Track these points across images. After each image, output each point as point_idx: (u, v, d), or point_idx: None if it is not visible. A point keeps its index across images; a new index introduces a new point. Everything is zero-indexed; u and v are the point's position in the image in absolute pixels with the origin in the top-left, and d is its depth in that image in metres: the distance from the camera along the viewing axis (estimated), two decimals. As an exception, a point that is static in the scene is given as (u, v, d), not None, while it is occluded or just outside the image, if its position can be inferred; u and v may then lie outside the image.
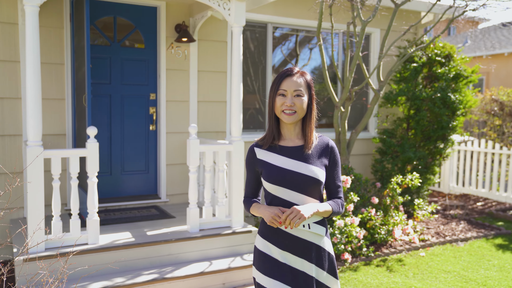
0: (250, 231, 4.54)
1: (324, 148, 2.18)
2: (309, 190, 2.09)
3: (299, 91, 2.10)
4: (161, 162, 5.54)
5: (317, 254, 2.14)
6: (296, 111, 2.09)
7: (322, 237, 2.16)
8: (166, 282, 3.86)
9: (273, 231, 2.14)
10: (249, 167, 2.23)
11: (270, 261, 2.13)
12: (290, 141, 2.18)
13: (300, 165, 2.10)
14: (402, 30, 6.71)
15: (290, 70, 2.15)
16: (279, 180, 2.09)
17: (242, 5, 4.49)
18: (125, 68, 5.39)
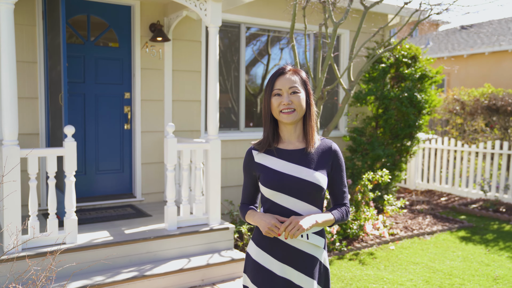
0: (227, 228, 4.62)
1: (326, 151, 2.03)
2: (310, 196, 1.95)
3: (294, 87, 1.97)
4: (136, 161, 5.54)
5: (312, 266, 2.00)
6: (294, 108, 1.96)
7: (320, 249, 2.02)
8: (146, 280, 3.90)
9: (269, 240, 2.00)
10: (246, 171, 2.10)
11: (265, 273, 1.99)
12: (290, 144, 2.04)
13: (300, 170, 1.96)
14: (370, 31, 6.94)
15: (282, 69, 2.03)
16: (277, 186, 1.95)
17: (218, 5, 4.57)
18: (99, 67, 5.37)
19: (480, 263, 4.84)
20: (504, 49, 13.28)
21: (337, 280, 4.33)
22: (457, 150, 7.93)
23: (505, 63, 13.52)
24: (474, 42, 14.78)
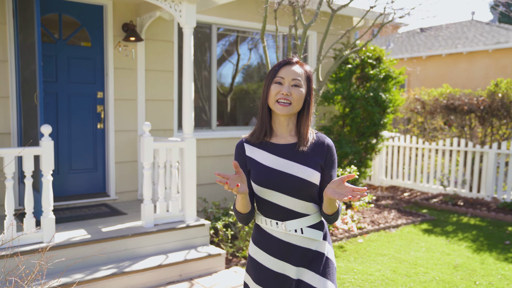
0: (203, 224, 4.73)
1: (319, 146, 1.94)
2: (301, 193, 1.88)
3: (297, 80, 1.89)
4: (109, 160, 5.55)
5: (314, 260, 1.94)
6: (291, 102, 1.88)
7: (318, 242, 1.95)
8: (125, 276, 3.96)
9: (264, 237, 1.96)
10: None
11: (261, 269, 1.96)
12: (281, 138, 1.96)
13: (291, 165, 1.88)
14: (337, 33, 7.19)
15: (290, 59, 1.96)
16: (267, 182, 1.88)
17: (192, 7, 4.67)
18: (72, 66, 5.35)
19: (442, 253, 5.15)
20: (460, 51, 13.93)
21: (310, 272, 4.52)
22: (418, 147, 8.31)
23: (461, 64, 14.18)
24: (432, 44, 15.41)
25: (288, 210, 1.90)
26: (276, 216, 1.92)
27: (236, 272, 4.47)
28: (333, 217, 1.90)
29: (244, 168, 1.98)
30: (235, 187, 1.69)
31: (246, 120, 7.01)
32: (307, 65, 1.99)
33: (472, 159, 7.67)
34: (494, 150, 7.29)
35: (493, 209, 6.95)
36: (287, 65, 1.93)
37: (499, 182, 7.31)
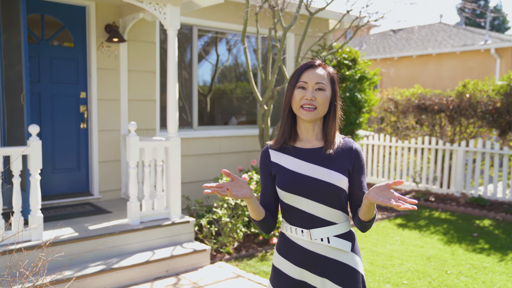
0: (188, 221, 4.86)
1: (347, 151, 1.88)
2: (329, 199, 1.81)
3: (321, 84, 1.84)
4: (93, 160, 5.61)
5: (339, 271, 1.85)
6: (316, 107, 1.83)
7: (347, 253, 1.86)
8: (114, 272, 4.05)
9: (288, 245, 1.89)
10: (262, 171, 1.96)
11: (284, 279, 1.90)
12: (307, 142, 1.91)
13: (317, 170, 1.82)
14: (313, 35, 7.41)
15: (312, 62, 1.91)
16: (293, 188, 1.82)
17: (176, 9, 4.79)
18: (55, 66, 5.38)
19: (416, 245, 5.42)
20: (429, 53, 14.41)
21: (292, 266, 4.71)
22: (391, 145, 8.63)
23: (430, 65, 14.67)
24: (403, 46, 15.87)
25: (314, 217, 1.83)
26: (301, 224, 1.84)
27: (221, 267, 4.61)
28: (368, 224, 1.80)
29: (269, 175, 1.93)
30: (225, 192, 1.66)
31: (225, 120, 7.15)
32: (331, 67, 1.94)
33: (442, 156, 8.02)
34: (463, 148, 7.65)
35: (462, 204, 7.31)
36: (309, 68, 1.88)
37: (467, 179, 7.68)
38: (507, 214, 6.59)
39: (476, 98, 7.73)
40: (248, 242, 5.31)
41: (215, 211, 5.09)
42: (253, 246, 5.19)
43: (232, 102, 7.19)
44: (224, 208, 5.08)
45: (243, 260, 4.84)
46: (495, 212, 6.78)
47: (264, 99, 6.08)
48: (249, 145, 6.99)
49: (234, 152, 6.84)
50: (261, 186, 1.97)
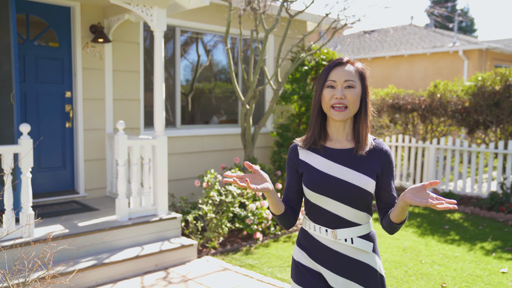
0: (175, 217, 5.00)
1: (377, 153, 1.86)
2: (355, 201, 1.81)
3: (350, 81, 1.80)
4: (78, 158, 5.68)
5: (360, 272, 1.86)
6: (347, 105, 1.79)
7: (368, 254, 1.86)
8: (105, 267, 4.17)
9: (311, 242, 1.90)
10: (288, 167, 1.96)
11: (305, 271, 1.91)
12: (337, 142, 1.88)
13: (347, 172, 1.81)
14: (292, 36, 7.64)
15: (340, 59, 1.87)
16: (320, 188, 1.81)
17: (163, 12, 4.92)
18: (40, 66, 5.43)
19: (392, 238, 5.71)
20: (402, 54, 14.87)
21: (276, 259, 4.91)
22: (367, 143, 8.93)
23: (403, 66, 15.14)
24: (376, 47, 16.31)
25: (339, 218, 1.82)
26: (326, 223, 1.84)
27: (207, 261, 4.78)
28: (399, 226, 1.80)
29: (295, 172, 1.93)
30: (245, 183, 1.64)
31: (206, 119, 7.30)
32: (360, 63, 1.89)
33: (415, 154, 8.38)
34: (434, 145, 8.01)
35: (434, 198, 7.66)
36: (337, 66, 1.84)
37: (439, 175, 8.05)
38: (475, 207, 6.97)
39: (446, 98, 8.10)
40: (232, 237, 5.49)
41: (201, 207, 5.25)
42: (237, 241, 5.37)
43: (213, 101, 7.35)
44: (209, 204, 5.24)
45: (229, 254, 5.02)
46: (464, 206, 7.15)
47: (246, 98, 6.27)
48: (230, 143, 7.16)
49: (217, 150, 7.00)
50: (286, 182, 1.97)
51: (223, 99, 7.41)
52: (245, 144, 6.45)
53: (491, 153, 7.36)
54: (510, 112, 7.13)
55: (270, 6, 6.32)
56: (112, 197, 5.84)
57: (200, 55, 7.17)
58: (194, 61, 7.13)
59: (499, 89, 7.20)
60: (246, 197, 5.55)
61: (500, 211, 6.69)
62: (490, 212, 6.73)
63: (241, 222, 5.47)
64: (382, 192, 1.87)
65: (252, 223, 5.37)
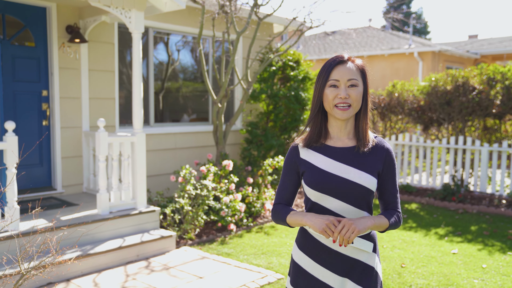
0: (154, 210, 5.24)
1: (378, 151, 1.86)
2: (357, 199, 1.80)
3: (354, 80, 1.80)
4: (56, 156, 5.81)
5: (362, 272, 1.85)
6: (351, 104, 1.79)
7: (368, 254, 1.86)
8: (90, 258, 4.38)
9: (311, 241, 1.88)
10: (288, 168, 1.93)
11: (304, 275, 1.89)
12: (339, 140, 1.87)
13: (348, 170, 1.80)
14: (260, 38, 7.99)
15: (341, 57, 1.84)
16: (323, 186, 1.80)
17: (141, 14, 5.15)
18: (17, 65, 5.54)
19: (355, 226, 6.16)
20: (361, 55, 15.53)
21: (250, 247, 5.25)
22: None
23: (362, 66, 15.82)
24: (337, 48, 16.93)
25: (341, 217, 1.81)
26: None
27: (186, 250, 5.06)
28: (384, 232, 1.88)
29: (295, 173, 1.92)
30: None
31: (177, 117, 7.54)
32: (361, 60, 1.87)
33: (375, 149, 8.90)
34: (393, 141, 8.56)
35: (393, 191, 8.21)
36: (339, 64, 1.82)
37: (397, 169, 8.61)
38: (430, 198, 7.55)
39: (404, 97, 8.67)
40: (208, 228, 5.78)
41: (177, 201, 5.51)
42: (212, 232, 5.67)
43: (184, 100, 7.59)
44: (186, 198, 5.51)
45: (205, 244, 5.31)
46: (420, 197, 7.73)
47: (219, 97, 6.57)
48: (202, 140, 7.44)
49: (189, 147, 7.26)
50: (283, 183, 1.95)
51: (194, 98, 7.68)
52: (217, 141, 6.74)
53: (443, 148, 7.98)
54: (460, 110, 7.75)
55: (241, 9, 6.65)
56: (89, 193, 6.00)
57: (171, 55, 7.40)
58: (165, 61, 7.36)
59: (450, 89, 7.81)
60: (220, 190, 5.85)
61: (452, 201, 7.29)
62: (443, 202, 7.32)
63: (216, 215, 5.77)
64: (382, 190, 1.89)
65: (226, 215, 5.68)
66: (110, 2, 4.85)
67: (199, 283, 4.15)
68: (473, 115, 7.70)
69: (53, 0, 5.59)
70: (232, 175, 6.10)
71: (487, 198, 7.39)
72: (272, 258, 4.85)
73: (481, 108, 7.54)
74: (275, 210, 1.96)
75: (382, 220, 1.81)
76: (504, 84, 7.38)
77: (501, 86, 7.40)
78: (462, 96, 7.65)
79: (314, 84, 8.15)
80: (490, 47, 16.57)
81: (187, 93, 7.61)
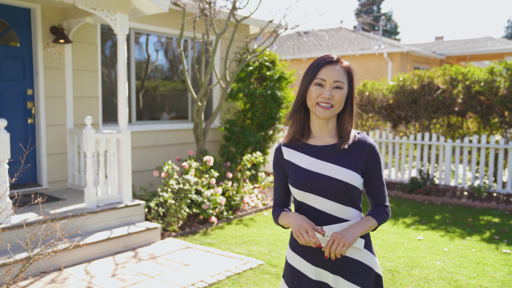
0: (139, 204, 5.50)
1: (361, 147, 1.86)
2: (341, 197, 1.81)
3: (339, 82, 1.82)
4: (41, 153, 5.99)
5: (354, 269, 1.85)
6: (333, 105, 1.81)
7: (360, 250, 1.86)
8: (81, 248, 4.61)
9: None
10: (276, 170, 1.97)
11: (298, 276, 1.90)
12: (320, 139, 1.89)
13: (330, 167, 1.81)
14: (237, 39, 8.30)
15: (331, 57, 1.86)
16: (306, 185, 1.82)
17: (125, 16, 5.39)
18: (2, 64, 5.69)
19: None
20: (334, 55, 16.04)
21: (231, 238, 5.56)
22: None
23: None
24: (310, 48, 17.39)
25: (326, 215, 1.83)
26: (314, 221, 1.84)
27: (170, 241, 5.33)
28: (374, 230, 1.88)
29: (282, 173, 1.95)
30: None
31: (157, 115, 7.78)
32: (346, 61, 1.90)
33: (347, 146, 9.34)
34: (364, 138, 9.02)
35: (364, 185, 8.66)
36: (328, 64, 1.85)
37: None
38: (399, 191, 8.03)
39: (374, 96, 9.13)
40: (190, 221, 6.07)
41: (161, 195, 5.77)
42: (195, 225, 5.96)
43: (163, 99, 7.84)
44: (169, 192, 5.78)
45: (188, 236, 5.60)
46: (390, 190, 8.19)
47: (199, 96, 6.85)
48: (182, 138, 7.70)
49: (170, 144, 7.52)
50: (276, 186, 2.00)
51: (173, 96, 7.93)
52: (197, 138, 7.03)
53: (411, 144, 8.47)
54: (426, 108, 8.26)
55: (220, 12, 6.95)
56: (74, 189, 6.20)
57: (151, 55, 7.64)
58: (145, 61, 7.59)
59: (417, 88, 8.30)
60: (201, 185, 6.14)
61: (419, 193, 7.78)
62: (410, 194, 7.81)
63: (198, 208, 6.06)
64: (368, 186, 1.90)
65: (208, 208, 5.98)
66: (96, 5, 5.07)
67: (185, 269, 4.44)
68: (438, 112, 8.22)
69: (38, 2, 5.76)
70: (212, 170, 6.40)
71: (451, 190, 7.92)
72: (253, 247, 5.18)
73: (444, 106, 8.05)
74: (272, 213, 2.01)
75: (371, 223, 1.82)
76: (465, 84, 7.91)
77: (462, 85, 7.94)
78: (428, 95, 8.15)
79: (290, 83, 8.56)
80: (455, 48, 17.35)
81: (166, 92, 7.86)
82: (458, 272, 4.40)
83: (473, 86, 7.82)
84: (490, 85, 7.59)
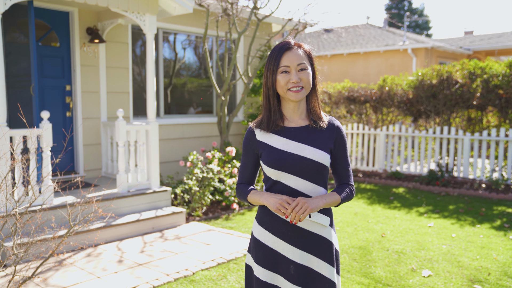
0: (166, 190, 5.97)
1: (329, 129, 1.97)
2: (312, 175, 1.91)
3: (302, 64, 1.90)
4: (78, 143, 6.55)
5: (317, 244, 1.95)
6: (303, 86, 1.90)
7: (325, 227, 1.96)
8: (113, 228, 5.11)
9: (270, 217, 1.97)
10: (246, 149, 2.04)
11: (265, 250, 1.98)
12: (292, 121, 1.98)
13: (303, 148, 1.91)
14: (259, 36, 8.69)
15: (288, 43, 1.93)
16: (279, 165, 1.90)
17: (153, 17, 5.86)
18: (44, 63, 6.26)
19: (346, 206, 6.87)
20: (358, 51, 16.20)
21: (251, 223, 5.96)
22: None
23: (359, 62, 16.48)
24: (335, 45, 17.60)
25: (298, 193, 1.92)
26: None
27: (194, 225, 5.78)
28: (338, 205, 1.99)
29: (253, 153, 2.02)
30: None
31: (185, 110, 8.26)
32: (306, 44, 1.97)
33: (368, 140, 9.61)
34: (384, 132, 9.25)
35: (384, 177, 8.92)
36: (287, 50, 1.92)
37: (388, 158, 9.31)
38: (417, 183, 8.25)
39: (393, 91, 9.35)
40: (213, 207, 6.51)
41: (186, 183, 6.23)
42: (218, 211, 6.39)
43: (189, 94, 8.31)
44: (194, 180, 6.22)
45: (211, 220, 6.03)
46: (408, 182, 8.43)
47: (222, 91, 7.28)
48: (207, 131, 8.16)
49: (195, 137, 7.98)
50: (244, 164, 2.07)
51: (199, 92, 8.39)
52: (220, 131, 7.46)
53: (430, 137, 8.66)
54: (444, 102, 8.43)
55: (242, 11, 7.36)
56: (107, 177, 6.73)
57: (178, 53, 8.12)
58: (173, 59, 8.07)
59: (436, 82, 8.49)
60: (224, 174, 6.57)
61: (436, 185, 7.98)
62: (428, 186, 8.02)
63: (221, 195, 6.49)
64: (335, 165, 2.01)
65: (230, 196, 6.40)
66: (127, 7, 5.55)
67: (207, 248, 4.87)
68: (457, 106, 8.38)
69: (75, 5, 6.30)
70: (234, 160, 6.82)
71: (469, 182, 8.08)
72: (270, 230, 5.57)
73: (463, 100, 8.22)
74: (238, 189, 2.08)
75: (334, 197, 1.93)
76: (483, 78, 8.05)
77: (481, 80, 8.08)
78: (446, 89, 8.33)
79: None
80: (482, 43, 17.21)
81: (192, 88, 8.33)
82: (462, 255, 4.67)
83: (492, 80, 7.95)
84: (508, 78, 7.71)
